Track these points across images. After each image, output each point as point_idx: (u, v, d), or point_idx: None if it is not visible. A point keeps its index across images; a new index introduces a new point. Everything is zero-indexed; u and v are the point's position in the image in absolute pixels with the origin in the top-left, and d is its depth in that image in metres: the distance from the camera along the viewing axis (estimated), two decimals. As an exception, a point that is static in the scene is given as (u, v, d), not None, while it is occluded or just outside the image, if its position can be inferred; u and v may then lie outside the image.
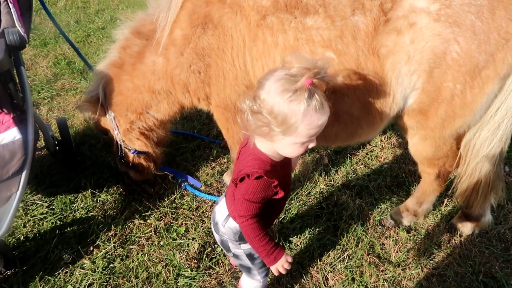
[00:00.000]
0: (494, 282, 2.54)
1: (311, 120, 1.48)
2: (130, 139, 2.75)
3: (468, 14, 1.86)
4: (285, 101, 1.45)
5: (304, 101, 1.43)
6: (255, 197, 1.65)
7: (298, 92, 1.44)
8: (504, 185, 2.65)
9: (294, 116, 1.46)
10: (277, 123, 1.48)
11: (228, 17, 2.16)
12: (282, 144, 1.58)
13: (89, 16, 6.57)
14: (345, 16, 1.99)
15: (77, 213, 2.97)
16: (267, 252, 1.74)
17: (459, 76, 1.94)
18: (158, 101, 2.57)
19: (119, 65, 2.54)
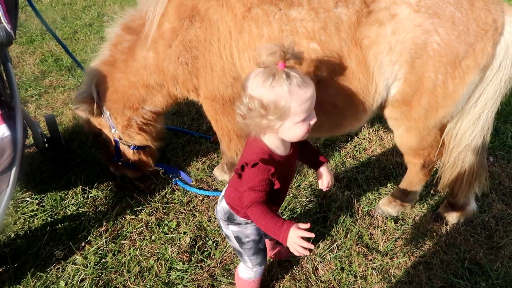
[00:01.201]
0: (479, 268, 2.62)
1: (298, 96, 1.55)
2: (129, 135, 2.76)
3: (447, 5, 1.91)
4: (269, 89, 1.54)
5: (285, 81, 1.52)
6: (257, 185, 1.67)
7: (276, 77, 1.53)
8: (487, 174, 2.72)
9: (282, 98, 1.54)
10: (271, 112, 1.55)
11: (214, 9, 2.18)
12: (284, 130, 1.63)
13: (76, 13, 6.51)
14: (328, 8, 2.03)
15: (68, 209, 2.97)
16: (275, 226, 1.57)
17: (440, 66, 2.00)
18: (153, 95, 2.59)
19: (111, 63, 2.55)
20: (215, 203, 3.06)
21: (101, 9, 6.68)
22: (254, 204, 1.67)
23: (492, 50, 2.00)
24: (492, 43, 1.97)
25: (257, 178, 1.67)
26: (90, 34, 5.74)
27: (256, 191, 1.67)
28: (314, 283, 2.52)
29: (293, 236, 1.51)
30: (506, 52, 2.04)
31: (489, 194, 3.17)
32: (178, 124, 3.96)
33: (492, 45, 1.98)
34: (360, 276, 2.56)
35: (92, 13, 6.48)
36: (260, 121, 1.59)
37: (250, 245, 2.08)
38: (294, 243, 1.52)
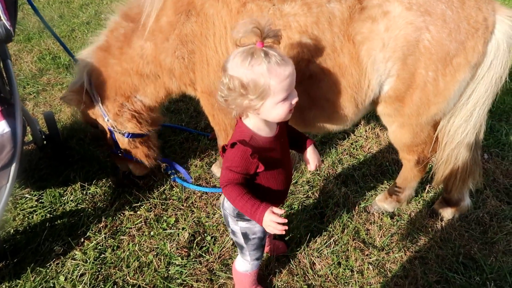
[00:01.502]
0: (473, 263, 2.66)
1: (277, 74, 1.57)
2: (121, 122, 2.74)
3: (438, 3, 1.94)
4: (248, 69, 1.56)
5: (263, 60, 1.54)
6: (234, 166, 1.69)
7: (255, 55, 1.55)
8: (481, 170, 2.77)
9: (261, 77, 1.55)
10: (251, 91, 1.57)
11: (210, 4, 2.21)
12: (266, 109, 1.65)
13: (73, 11, 6.51)
14: (321, 3, 2.06)
15: (67, 206, 3.00)
16: (251, 209, 1.65)
17: (431, 63, 2.03)
18: (145, 84, 2.59)
19: (106, 48, 2.54)
20: (213, 200, 3.09)
21: (98, 7, 6.68)
22: (231, 184, 1.70)
23: (483, 48, 2.03)
24: (483, 41, 2.01)
25: (235, 158, 1.70)
26: (87, 32, 5.75)
27: (233, 171, 1.70)
28: (311, 278, 2.55)
29: (267, 220, 1.62)
30: (497, 50, 2.07)
31: (484, 191, 3.22)
32: (176, 121, 3.98)
33: (483, 44, 2.01)
34: (356, 271, 2.60)
35: (89, 11, 6.48)
36: (241, 101, 1.61)
37: (255, 241, 2.11)
38: (269, 225, 1.62)
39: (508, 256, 2.69)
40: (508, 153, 3.63)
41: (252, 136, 1.74)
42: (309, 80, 2.19)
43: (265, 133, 1.78)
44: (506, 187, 3.27)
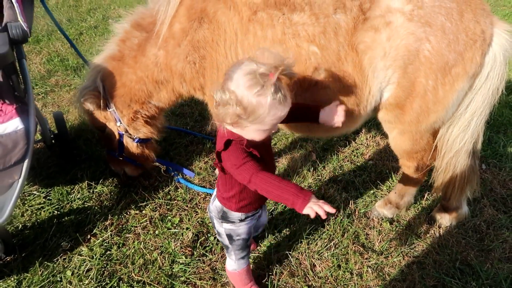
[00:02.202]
0: (470, 269, 2.73)
1: (275, 112, 1.64)
2: (135, 127, 2.84)
3: (438, 15, 2.04)
4: (253, 95, 1.59)
5: (270, 95, 1.58)
6: (239, 157, 1.71)
7: (265, 87, 1.58)
8: (479, 179, 2.85)
9: (262, 108, 1.61)
10: (246, 113, 1.62)
11: (222, 12, 2.31)
12: (248, 130, 1.72)
13: (81, 15, 6.64)
14: (328, 14, 2.16)
15: (74, 203, 3.06)
16: (294, 193, 1.55)
17: (431, 72, 2.12)
18: (159, 90, 2.69)
19: (119, 58, 2.63)
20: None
21: (106, 12, 6.82)
22: (254, 174, 1.65)
23: (481, 60, 2.12)
24: (481, 52, 2.10)
25: (235, 152, 1.73)
26: (95, 36, 5.86)
27: (244, 162, 1.70)
28: (311, 279, 2.62)
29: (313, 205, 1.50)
30: (494, 62, 2.16)
31: (481, 200, 3.29)
32: (182, 125, 4.07)
33: (481, 55, 2.11)
34: (356, 274, 2.66)
35: (97, 15, 6.61)
36: (232, 115, 1.64)
37: (239, 242, 2.21)
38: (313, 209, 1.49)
39: (503, 263, 2.76)
40: (506, 164, 3.71)
41: (239, 136, 1.78)
42: (315, 87, 2.28)
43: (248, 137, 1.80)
44: (503, 197, 3.35)
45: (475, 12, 2.09)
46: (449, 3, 2.07)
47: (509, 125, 4.35)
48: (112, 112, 2.76)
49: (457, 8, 2.07)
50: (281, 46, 2.21)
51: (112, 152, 3.04)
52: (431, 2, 2.07)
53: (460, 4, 2.08)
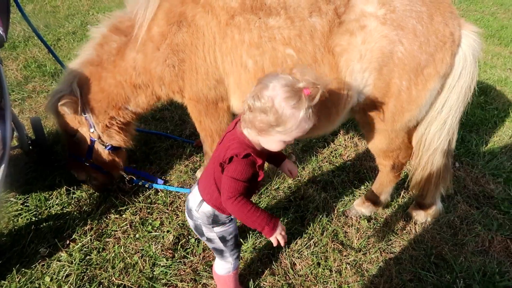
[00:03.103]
0: (444, 263, 2.81)
1: (303, 126, 1.70)
2: (109, 134, 2.83)
3: (410, 18, 2.13)
4: (289, 107, 1.64)
5: (304, 109, 1.64)
6: (243, 176, 1.77)
7: (301, 100, 1.65)
8: (452, 176, 2.95)
9: (293, 120, 1.66)
10: (277, 123, 1.67)
11: (200, 16, 2.35)
12: (270, 139, 1.77)
13: (59, 21, 6.57)
14: (303, 17, 2.23)
15: (52, 209, 3.03)
16: (265, 222, 1.79)
17: (404, 73, 2.21)
18: (137, 94, 2.69)
19: (97, 62, 2.63)
20: (197, 204, 3.17)
21: (84, 18, 6.77)
22: (241, 197, 1.77)
23: (451, 60, 2.22)
24: (451, 53, 2.20)
25: (245, 170, 1.77)
26: (73, 41, 5.81)
27: (241, 181, 1.77)
28: (292, 277, 2.66)
29: (278, 234, 1.84)
30: (465, 62, 2.27)
31: (455, 196, 3.41)
32: (162, 129, 4.07)
33: (451, 55, 2.21)
34: (335, 271, 2.71)
35: (75, 21, 6.55)
36: (263, 122, 1.69)
37: (232, 241, 2.19)
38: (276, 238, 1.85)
39: (476, 256, 2.86)
40: (478, 162, 3.85)
41: (254, 149, 1.82)
42: None
43: (257, 147, 1.87)
44: (475, 193, 3.47)
45: (444, 15, 2.19)
46: (420, 7, 2.16)
47: (481, 124, 4.51)
48: (87, 118, 2.75)
49: (427, 11, 2.17)
50: (258, 50, 2.27)
51: (78, 158, 2.96)
52: (403, 6, 2.16)
53: (430, 7, 2.18)
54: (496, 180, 3.64)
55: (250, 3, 2.27)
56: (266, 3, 2.26)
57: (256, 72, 2.30)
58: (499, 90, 5.31)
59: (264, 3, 2.26)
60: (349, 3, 2.19)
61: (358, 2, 2.18)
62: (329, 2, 2.21)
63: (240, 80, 2.38)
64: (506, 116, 4.74)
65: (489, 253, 2.91)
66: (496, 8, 9.04)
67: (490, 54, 6.49)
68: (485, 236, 3.03)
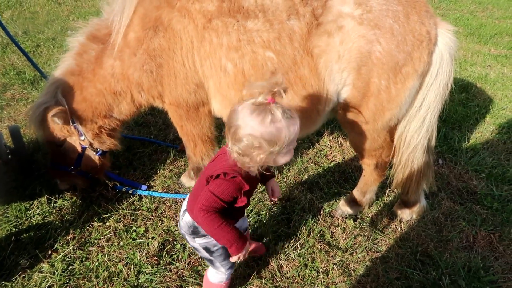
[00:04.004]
0: (430, 259, 2.83)
1: (294, 128, 1.68)
2: (100, 140, 2.83)
3: (386, 18, 2.14)
4: (269, 126, 1.62)
5: (281, 116, 1.63)
6: (223, 195, 1.76)
7: (273, 112, 1.62)
8: (433, 173, 2.98)
9: (283, 132, 1.64)
10: (272, 145, 1.65)
11: (177, 20, 2.33)
12: (277, 159, 1.75)
13: (38, 27, 6.46)
14: (282, 20, 2.23)
15: (33, 219, 2.96)
16: (234, 240, 1.81)
17: (383, 73, 2.22)
18: (119, 101, 2.68)
19: (78, 72, 2.61)
20: (182, 209, 3.14)
21: (64, 23, 6.67)
22: (213, 212, 1.76)
23: (428, 58, 2.24)
24: (428, 52, 2.22)
25: (228, 191, 1.76)
26: (53, 48, 5.72)
27: (220, 200, 1.75)
28: (279, 280, 2.64)
29: (241, 255, 1.87)
30: (441, 60, 2.29)
31: (439, 193, 3.44)
32: (145, 134, 4.02)
33: (428, 54, 2.23)
34: (322, 271, 2.71)
35: (55, 27, 6.46)
36: (258, 155, 1.67)
37: (219, 252, 2.15)
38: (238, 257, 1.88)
39: (461, 252, 2.88)
40: (460, 158, 3.90)
41: (245, 173, 1.80)
42: None
43: (251, 173, 1.83)
44: (459, 190, 3.51)
45: (420, 14, 2.21)
46: (396, 7, 2.18)
47: (463, 121, 4.57)
48: (76, 127, 2.72)
49: (403, 11, 2.18)
50: (237, 53, 2.26)
51: (63, 167, 2.91)
52: (379, 6, 2.17)
53: (406, 7, 2.20)
54: (478, 176, 3.68)
55: (228, 6, 2.26)
56: (243, 6, 2.25)
57: (236, 75, 2.29)
58: (479, 87, 5.40)
59: (241, 6, 2.25)
60: (326, 4, 2.19)
61: (335, 3, 2.19)
62: (306, 4, 2.21)
63: (220, 84, 2.37)
64: (487, 113, 4.82)
65: (474, 248, 2.94)
66: (475, 6, 9.21)
67: (470, 52, 6.60)
68: (469, 232, 3.07)
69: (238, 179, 1.77)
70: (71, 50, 2.65)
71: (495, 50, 6.86)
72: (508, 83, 5.58)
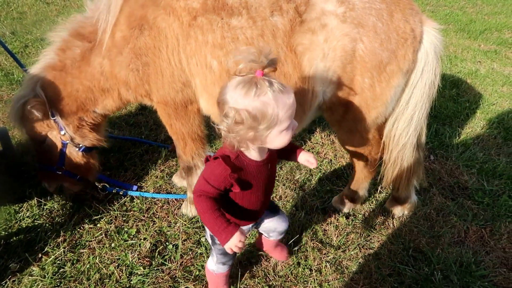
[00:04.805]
0: (422, 255, 2.85)
1: (283, 102, 1.54)
2: (81, 135, 2.78)
3: (370, 16, 2.14)
4: (254, 100, 1.51)
5: (268, 89, 1.50)
6: (211, 179, 1.71)
7: (259, 85, 1.50)
8: (423, 169, 2.99)
9: (269, 106, 1.52)
10: (259, 121, 1.53)
11: (162, 18, 2.31)
12: (271, 139, 1.62)
13: (26, 27, 6.38)
14: (265, 17, 2.22)
15: (23, 222, 2.92)
16: (218, 228, 1.69)
17: (367, 71, 2.22)
18: (105, 98, 2.67)
19: (60, 67, 2.57)
20: (174, 209, 3.12)
21: (53, 23, 6.57)
22: (204, 196, 1.71)
23: (413, 56, 2.24)
24: (412, 50, 2.22)
25: (214, 172, 1.70)
26: (41, 48, 5.62)
27: (209, 184, 1.72)
28: (272, 279, 2.64)
29: (232, 245, 1.67)
30: (427, 58, 2.30)
31: (431, 189, 3.46)
32: (136, 134, 3.99)
33: (413, 52, 2.23)
34: (315, 269, 2.71)
35: (43, 27, 6.37)
36: (247, 133, 1.57)
37: (221, 247, 2.13)
38: (230, 248, 1.69)
39: (453, 247, 2.90)
40: (452, 154, 3.92)
41: (238, 155, 1.73)
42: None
43: (253, 157, 1.76)
44: (450, 185, 3.53)
45: (404, 12, 2.21)
46: (379, 4, 2.18)
47: (453, 117, 4.60)
48: (56, 120, 2.68)
49: (387, 8, 2.18)
50: (222, 50, 2.24)
51: (49, 167, 2.86)
52: (362, 3, 2.17)
53: (390, 4, 2.20)
54: (469, 171, 3.71)
55: (212, 3, 2.24)
56: (227, 3, 2.24)
57: (221, 73, 2.28)
58: (469, 82, 5.43)
59: (225, 3, 2.24)
60: (310, 1, 2.19)
61: (318, 0, 2.18)
62: (289, 1, 2.20)
63: (206, 81, 2.35)
64: (477, 108, 4.85)
65: (465, 243, 2.96)
66: (465, 2, 9.27)
67: (460, 48, 6.64)
68: (460, 227, 3.08)
69: (221, 163, 1.68)
70: (53, 45, 2.61)
71: (485, 45, 6.91)
72: (497, 79, 5.62)
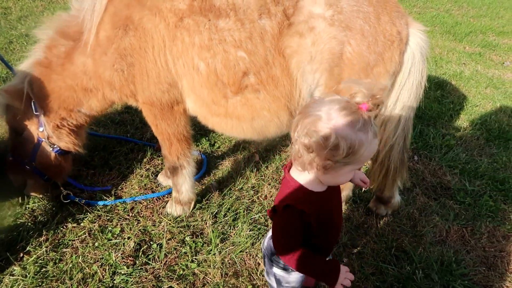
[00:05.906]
0: (404, 254, 2.89)
1: (374, 147, 1.45)
2: (59, 135, 2.74)
3: (357, 19, 2.16)
4: (356, 133, 1.37)
5: (370, 129, 1.39)
6: (291, 230, 1.57)
7: (364, 121, 1.38)
8: (407, 169, 3.03)
9: (363, 146, 1.40)
10: (345, 154, 1.39)
11: (148, 18, 2.30)
12: (339, 173, 1.50)
13: (11, 23, 6.29)
14: (253, 19, 2.22)
15: (4, 221, 2.88)
16: (325, 275, 1.63)
17: (354, 73, 2.24)
18: (89, 98, 2.65)
19: (46, 64, 2.57)
20: (159, 208, 3.12)
21: (38, 19, 6.49)
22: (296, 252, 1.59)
23: (399, 58, 2.28)
24: (399, 52, 2.25)
25: (290, 222, 1.56)
26: (27, 44, 5.56)
27: (292, 237, 1.58)
28: (256, 278, 2.65)
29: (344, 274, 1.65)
30: (413, 59, 2.33)
31: (414, 189, 3.51)
32: (122, 133, 3.97)
33: (399, 54, 2.26)
34: (299, 268, 2.72)
35: (28, 23, 6.29)
36: (326, 159, 1.43)
37: None
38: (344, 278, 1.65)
39: (434, 246, 2.95)
40: (435, 155, 3.98)
41: (304, 193, 1.58)
42: (246, 90, 2.33)
43: (318, 189, 1.61)
44: (433, 185, 3.59)
45: (390, 15, 2.24)
46: (366, 7, 2.20)
47: (438, 118, 4.67)
48: (38, 116, 2.66)
49: (374, 11, 2.21)
50: (209, 52, 2.24)
51: (20, 160, 2.81)
52: (350, 7, 2.19)
53: (377, 7, 2.22)
54: (452, 172, 3.77)
55: (199, 5, 2.24)
56: (215, 5, 2.24)
57: (209, 75, 2.28)
58: (454, 84, 5.52)
59: (213, 5, 2.24)
60: (297, 4, 2.20)
61: (306, 3, 2.19)
62: (278, 4, 2.21)
63: (193, 83, 2.35)
64: (461, 109, 4.93)
65: (446, 242, 3.01)
66: (451, 5, 9.41)
67: (446, 50, 6.74)
68: (442, 226, 3.14)
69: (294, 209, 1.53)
70: (40, 43, 2.62)
71: (470, 47, 7.03)
72: (481, 80, 5.73)
